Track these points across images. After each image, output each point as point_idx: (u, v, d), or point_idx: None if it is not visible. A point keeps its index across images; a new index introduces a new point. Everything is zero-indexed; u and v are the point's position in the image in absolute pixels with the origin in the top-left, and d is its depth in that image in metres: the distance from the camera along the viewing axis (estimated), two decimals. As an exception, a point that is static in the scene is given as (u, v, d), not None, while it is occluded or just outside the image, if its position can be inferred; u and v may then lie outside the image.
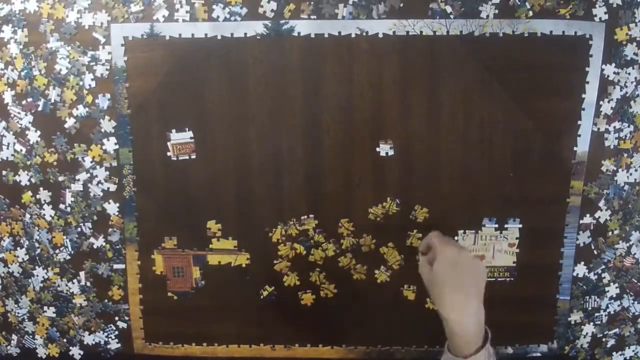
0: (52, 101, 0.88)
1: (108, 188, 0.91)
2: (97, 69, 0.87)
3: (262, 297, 0.93)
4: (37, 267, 0.95)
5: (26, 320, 0.98)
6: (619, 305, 0.94)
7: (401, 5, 0.83)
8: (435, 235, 0.75)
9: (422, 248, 0.78)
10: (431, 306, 0.92)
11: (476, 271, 0.71)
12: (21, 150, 0.90)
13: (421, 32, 0.84)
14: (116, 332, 0.97)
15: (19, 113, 0.89)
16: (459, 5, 0.83)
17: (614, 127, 0.87)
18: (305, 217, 0.89)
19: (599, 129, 0.87)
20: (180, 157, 0.89)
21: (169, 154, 0.89)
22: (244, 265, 0.92)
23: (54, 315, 0.97)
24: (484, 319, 0.69)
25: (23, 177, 0.91)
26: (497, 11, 0.83)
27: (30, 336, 0.99)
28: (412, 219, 0.89)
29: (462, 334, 0.68)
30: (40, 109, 0.89)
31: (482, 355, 0.68)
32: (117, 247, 0.93)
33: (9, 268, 0.95)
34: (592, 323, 0.94)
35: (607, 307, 0.94)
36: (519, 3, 0.83)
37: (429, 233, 0.77)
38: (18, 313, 0.97)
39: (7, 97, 0.89)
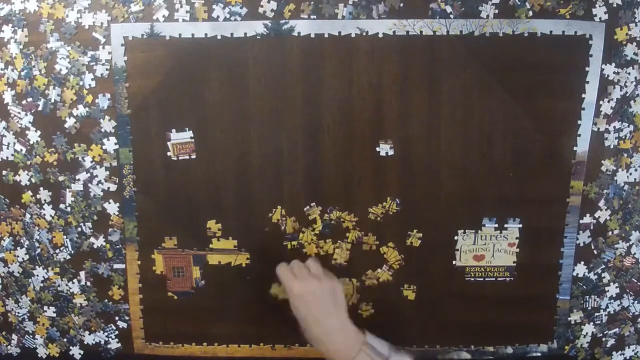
0: (52, 101, 0.88)
1: (108, 188, 0.91)
2: (97, 69, 0.87)
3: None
4: (37, 267, 0.95)
5: (26, 320, 0.98)
6: (619, 305, 0.94)
7: (401, 5, 0.83)
8: (280, 268, 0.81)
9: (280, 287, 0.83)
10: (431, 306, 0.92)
11: (332, 295, 0.77)
12: (21, 150, 0.90)
13: (421, 32, 0.84)
14: (116, 332, 0.97)
15: (19, 113, 0.89)
16: (459, 5, 0.83)
17: (614, 127, 0.87)
18: (308, 207, 0.90)
19: (598, 128, 0.87)
20: (180, 157, 0.89)
21: (169, 154, 0.89)
22: (244, 265, 0.92)
23: (54, 315, 0.97)
24: (351, 329, 0.76)
25: (23, 177, 0.91)
26: (497, 11, 0.83)
27: (31, 336, 0.99)
28: (412, 219, 0.90)
29: (337, 356, 0.74)
30: (40, 109, 0.89)
31: (363, 355, 0.73)
32: (117, 247, 0.93)
33: (9, 268, 0.95)
34: (592, 323, 0.95)
35: (607, 306, 0.94)
36: (519, 3, 0.83)
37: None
38: (18, 313, 0.97)
39: (7, 97, 0.89)
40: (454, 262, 0.91)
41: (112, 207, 0.91)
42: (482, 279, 0.92)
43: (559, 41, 0.83)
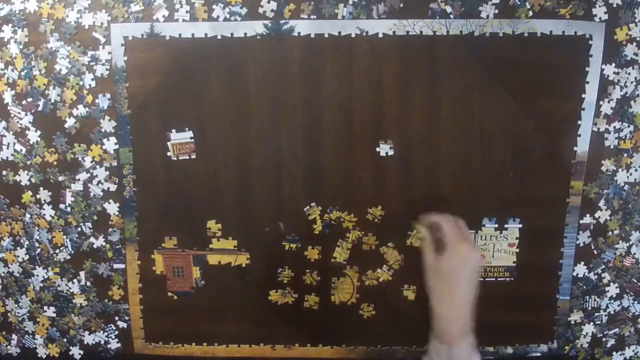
0: (52, 101, 0.88)
1: (108, 188, 0.91)
2: (97, 68, 0.87)
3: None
4: (37, 267, 0.95)
5: (26, 320, 0.98)
6: (619, 305, 0.94)
7: (401, 5, 0.83)
8: (452, 225, 0.74)
9: (429, 223, 0.76)
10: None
11: (477, 273, 0.72)
12: (21, 150, 0.90)
13: (421, 32, 0.84)
14: (116, 332, 0.97)
15: (19, 113, 0.89)
16: (459, 5, 0.83)
17: (614, 127, 0.87)
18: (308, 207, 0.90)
19: (599, 129, 0.87)
20: (180, 157, 0.89)
21: (169, 154, 0.89)
22: (244, 265, 0.92)
23: (54, 315, 0.97)
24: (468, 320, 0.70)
25: (23, 177, 0.91)
26: (497, 11, 0.83)
27: (30, 336, 0.99)
28: (412, 219, 0.90)
29: (450, 328, 0.69)
30: (40, 109, 0.89)
31: (466, 343, 0.69)
32: (117, 247, 0.93)
33: (9, 268, 0.95)
34: (592, 323, 0.95)
35: (607, 307, 0.94)
36: (519, 3, 0.83)
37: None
38: (18, 313, 0.97)
39: (7, 97, 0.89)
40: (454, 262, 0.91)
41: (112, 207, 0.91)
42: (482, 279, 0.92)
43: (559, 41, 0.83)
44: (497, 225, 0.90)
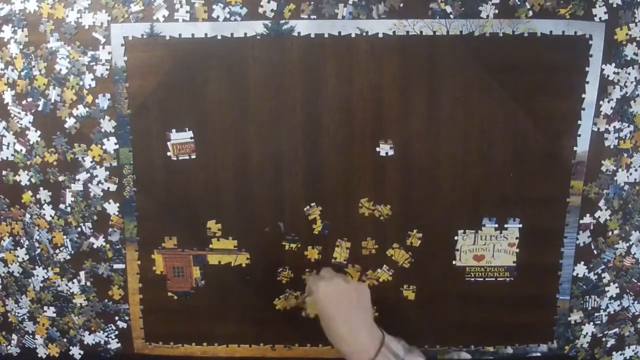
0: (52, 101, 0.88)
1: (108, 188, 0.91)
2: (97, 69, 0.87)
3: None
4: (37, 267, 0.95)
5: (26, 320, 0.98)
6: (619, 305, 0.94)
7: (401, 5, 0.83)
8: (310, 277, 0.83)
9: (307, 291, 0.84)
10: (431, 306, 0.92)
11: (357, 294, 0.77)
12: (21, 150, 0.90)
13: (421, 32, 0.84)
14: (116, 332, 0.97)
15: (19, 113, 0.89)
16: (459, 5, 0.83)
17: (614, 127, 0.87)
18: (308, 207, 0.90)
19: (598, 129, 0.87)
20: (180, 157, 0.89)
21: (169, 154, 0.89)
22: (244, 265, 0.92)
23: (54, 315, 0.97)
24: (374, 329, 0.75)
25: (23, 177, 0.91)
26: (497, 11, 0.83)
27: (30, 336, 0.99)
28: (412, 219, 0.90)
29: (357, 356, 0.72)
30: (40, 109, 0.89)
31: (382, 356, 0.72)
32: (117, 247, 0.93)
33: (9, 268, 0.95)
34: (592, 323, 0.95)
35: (607, 307, 0.94)
36: (519, 3, 0.83)
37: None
38: (18, 313, 0.97)
39: (7, 97, 0.89)
40: (454, 262, 0.91)
41: (112, 207, 0.91)
42: (482, 279, 0.92)
43: (559, 41, 0.83)
44: (497, 225, 0.90)
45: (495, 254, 0.91)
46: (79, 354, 0.98)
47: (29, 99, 0.89)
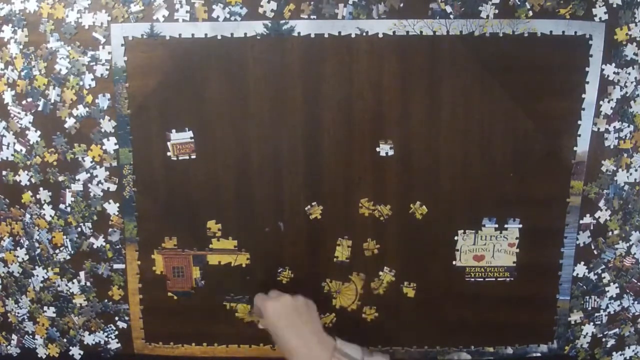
0: (52, 101, 0.88)
1: (108, 188, 0.91)
2: (97, 69, 0.87)
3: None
4: (37, 267, 0.95)
5: (26, 320, 0.98)
6: (619, 305, 0.94)
7: (401, 5, 0.83)
8: (256, 298, 0.85)
9: (256, 312, 0.86)
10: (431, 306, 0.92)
11: (306, 308, 0.80)
12: (21, 150, 0.90)
13: (421, 32, 0.84)
14: (116, 332, 0.97)
15: (19, 113, 0.89)
16: (459, 5, 0.83)
17: (614, 127, 0.87)
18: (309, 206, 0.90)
19: (599, 129, 0.87)
20: (180, 157, 0.89)
21: (169, 154, 0.89)
22: (244, 266, 0.92)
23: (54, 315, 0.97)
24: (323, 338, 0.78)
25: (23, 177, 0.91)
26: (497, 11, 0.83)
27: (30, 336, 0.99)
28: (412, 219, 0.90)
29: None
30: (40, 109, 0.89)
31: None
32: (117, 247, 0.93)
33: (9, 268, 0.95)
34: (592, 323, 0.95)
35: (607, 307, 0.94)
36: (519, 3, 0.83)
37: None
38: (18, 313, 0.97)
39: (7, 97, 0.89)
40: (454, 262, 0.91)
41: (112, 207, 0.91)
42: (482, 279, 0.92)
43: (559, 41, 0.83)
44: (497, 225, 0.90)
45: (495, 254, 0.91)
46: (79, 354, 0.98)
47: (29, 99, 0.89)
